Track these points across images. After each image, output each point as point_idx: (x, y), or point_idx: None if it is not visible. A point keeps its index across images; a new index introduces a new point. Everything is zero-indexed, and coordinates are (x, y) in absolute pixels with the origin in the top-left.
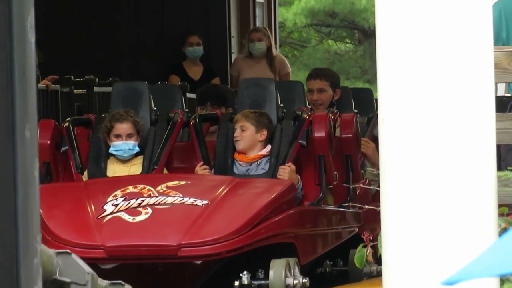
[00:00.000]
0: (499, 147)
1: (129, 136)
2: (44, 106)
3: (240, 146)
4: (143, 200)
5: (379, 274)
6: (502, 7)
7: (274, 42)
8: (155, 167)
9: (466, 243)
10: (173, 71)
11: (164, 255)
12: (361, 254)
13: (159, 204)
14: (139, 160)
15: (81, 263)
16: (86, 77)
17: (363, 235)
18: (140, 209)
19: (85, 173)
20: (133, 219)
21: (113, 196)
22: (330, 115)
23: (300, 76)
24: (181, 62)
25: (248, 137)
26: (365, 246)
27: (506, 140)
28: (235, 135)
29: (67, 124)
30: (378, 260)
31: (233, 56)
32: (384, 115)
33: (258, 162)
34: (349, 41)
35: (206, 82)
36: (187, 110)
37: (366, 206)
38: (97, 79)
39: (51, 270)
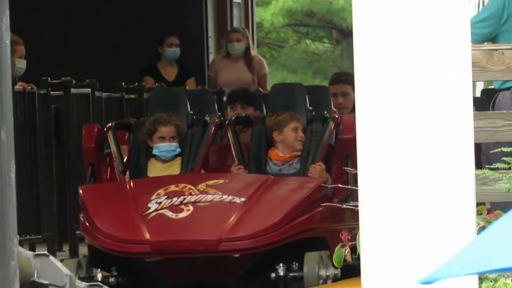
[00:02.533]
0: (478, 145)
1: (172, 138)
2: (20, 108)
3: (300, 146)
4: (184, 198)
5: (335, 278)
6: None
7: (252, 43)
8: (193, 167)
9: (444, 242)
10: (148, 72)
11: (205, 249)
12: (339, 254)
13: (199, 201)
14: (178, 161)
15: (59, 265)
16: (63, 78)
17: (342, 235)
18: (182, 206)
19: (127, 173)
20: (176, 216)
21: (156, 195)
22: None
23: (277, 77)
24: (155, 63)
25: (302, 137)
26: (343, 246)
27: (484, 139)
28: (300, 136)
29: (109, 128)
30: (357, 259)
31: (211, 57)
32: (361, 115)
33: (290, 162)
34: (327, 41)
35: (181, 83)
36: (219, 114)
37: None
38: (74, 81)
39: (29, 272)
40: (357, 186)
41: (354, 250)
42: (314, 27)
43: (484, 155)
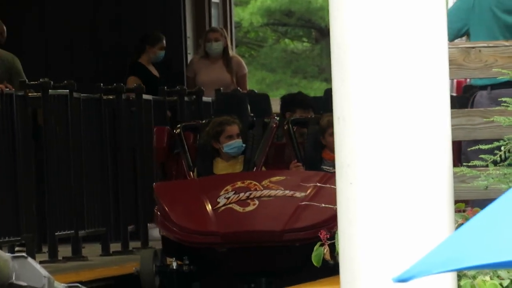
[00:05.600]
0: (456, 143)
1: (237, 135)
2: None
3: None
4: (250, 193)
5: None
6: None
7: (231, 43)
8: (255, 165)
9: (423, 240)
10: (134, 72)
11: (271, 240)
12: (318, 252)
13: (264, 196)
14: (240, 159)
15: (38, 267)
16: (41, 80)
17: (321, 234)
18: (249, 201)
19: (195, 171)
20: (243, 209)
21: (224, 190)
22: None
23: (257, 76)
24: (139, 61)
25: None
26: (322, 245)
27: (461, 136)
28: None
29: (178, 130)
30: (335, 258)
31: (189, 57)
32: (339, 113)
33: None
34: (306, 40)
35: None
36: (276, 116)
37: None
38: (52, 82)
39: (8, 274)
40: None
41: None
42: (293, 26)
43: (463, 154)
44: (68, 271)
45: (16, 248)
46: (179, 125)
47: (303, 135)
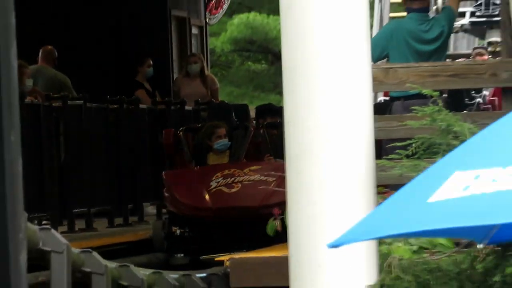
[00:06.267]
0: (378, 141)
1: (224, 136)
2: (29, 117)
3: None
4: (235, 178)
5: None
6: (397, 27)
7: (206, 64)
8: (239, 157)
9: (352, 214)
10: (139, 86)
11: (250, 213)
12: (272, 225)
13: (245, 180)
14: (227, 153)
15: (59, 236)
16: (62, 93)
17: (274, 211)
18: (233, 184)
19: (193, 162)
20: (229, 190)
21: (215, 176)
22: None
23: (226, 90)
24: (136, 78)
25: None
26: (275, 219)
27: (382, 136)
28: None
29: (181, 131)
30: (284, 229)
31: (175, 75)
32: (288, 118)
33: None
34: (264, 62)
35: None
36: (254, 121)
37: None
38: (70, 95)
39: (36, 242)
40: None
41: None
42: (254, 52)
43: (384, 150)
44: (82, 240)
45: (43, 222)
46: (181, 128)
47: (273, 135)
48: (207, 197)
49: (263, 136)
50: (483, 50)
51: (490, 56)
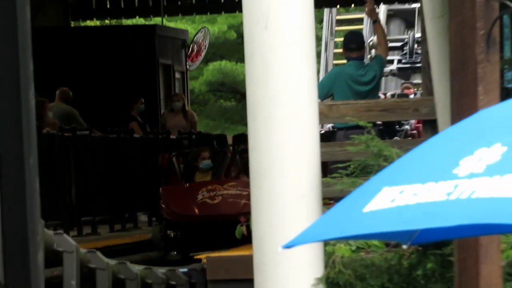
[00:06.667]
0: (324, 162)
1: (208, 158)
2: (45, 144)
3: None
4: (216, 192)
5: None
6: (340, 72)
7: (187, 102)
8: (219, 176)
9: (303, 221)
10: (133, 119)
11: (228, 219)
12: (239, 230)
13: (224, 194)
14: (210, 172)
15: (69, 239)
16: (72, 125)
17: (241, 219)
18: (215, 197)
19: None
20: (212, 202)
21: (201, 191)
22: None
23: (203, 123)
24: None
25: None
26: (242, 225)
27: (327, 158)
28: None
29: (173, 155)
30: (249, 233)
31: (162, 111)
32: (251, 145)
33: None
34: (233, 100)
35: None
36: (231, 147)
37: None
38: (78, 126)
39: (51, 244)
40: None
41: (248, 227)
42: (225, 92)
43: (329, 170)
44: (88, 242)
45: (57, 228)
46: (173, 153)
47: (245, 158)
48: (194, 207)
49: (237, 159)
50: (409, 84)
51: (415, 89)
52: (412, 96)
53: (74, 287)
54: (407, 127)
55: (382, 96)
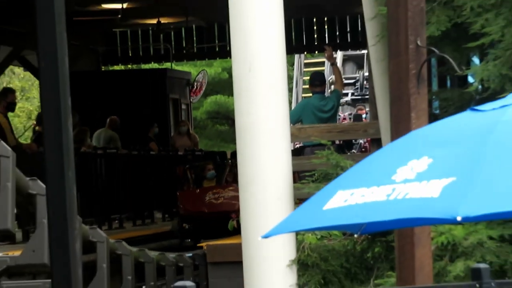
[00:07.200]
0: (296, 171)
1: (212, 169)
2: (82, 160)
3: None
4: (219, 195)
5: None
6: (307, 103)
7: (191, 127)
8: (221, 182)
9: (278, 217)
10: (151, 140)
11: (230, 215)
12: (231, 224)
13: (226, 195)
14: (214, 180)
15: (101, 232)
16: (105, 145)
17: (232, 216)
18: (219, 198)
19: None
20: (216, 201)
21: (208, 193)
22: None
23: (203, 143)
24: (148, 135)
25: None
26: (233, 220)
27: (297, 169)
28: None
29: (187, 168)
30: (239, 226)
31: (171, 133)
32: (240, 159)
33: None
34: (226, 125)
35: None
36: (230, 160)
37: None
38: (112, 145)
39: (87, 236)
40: None
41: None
42: (220, 119)
43: (299, 177)
44: (116, 234)
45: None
46: (187, 166)
47: None
48: (203, 206)
49: (233, 169)
50: (362, 106)
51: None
52: (364, 115)
53: (104, 269)
54: (361, 141)
55: (342, 116)
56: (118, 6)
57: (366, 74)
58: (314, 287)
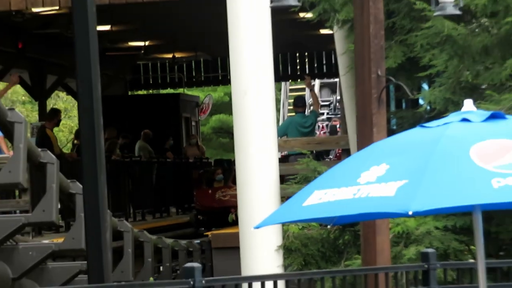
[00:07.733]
0: (282, 175)
1: (221, 173)
2: (113, 166)
3: None
4: (226, 193)
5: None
6: (291, 120)
7: (199, 139)
8: (227, 183)
9: (267, 211)
10: (167, 150)
11: (234, 208)
12: (231, 216)
13: (232, 193)
14: (222, 182)
15: (128, 223)
16: (126, 153)
17: (232, 210)
18: (226, 195)
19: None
20: (224, 198)
21: (217, 192)
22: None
23: (209, 152)
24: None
25: None
26: (232, 214)
27: (283, 172)
28: None
29: (202, 172)
30: (237, 219)
31: (184, 145)
32: (238, 164)
33: None
34: (228, 138)
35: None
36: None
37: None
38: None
39: (116, 226)
40: None
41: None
42: (222, 133)
43: (285, 179)
44: (139, 225)
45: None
46: (201, 171)
47: None
48: (214, 202)
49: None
50: (337, 118)
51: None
52: (338, 125)
53: (130, 254)
54: (336, 150)
55: (321, 126)
56: (141, 43)
57: (339, 97)
58: (297, 267)
